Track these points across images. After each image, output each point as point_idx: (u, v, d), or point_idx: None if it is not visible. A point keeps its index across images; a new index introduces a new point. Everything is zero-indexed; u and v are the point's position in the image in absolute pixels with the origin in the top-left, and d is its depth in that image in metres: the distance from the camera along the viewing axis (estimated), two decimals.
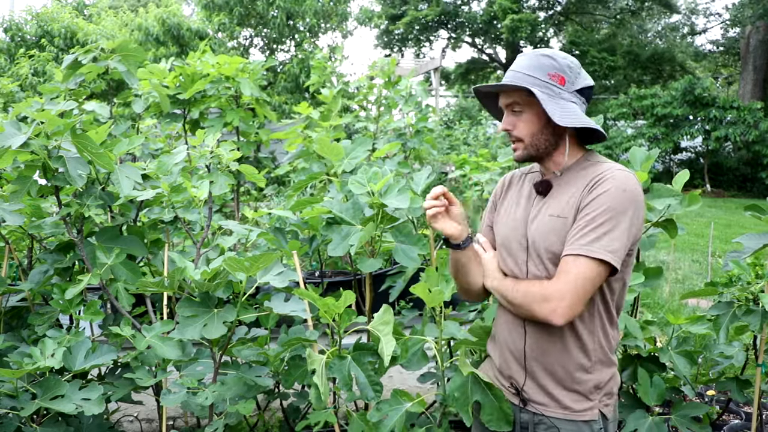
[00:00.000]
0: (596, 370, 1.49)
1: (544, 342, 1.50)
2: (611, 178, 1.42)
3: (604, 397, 1.51)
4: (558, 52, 1.52)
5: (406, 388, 1.87)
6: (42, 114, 1.81)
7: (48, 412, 1.86)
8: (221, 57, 3.13)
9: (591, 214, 1.39)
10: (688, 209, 2.09)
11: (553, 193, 1.53)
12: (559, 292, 1.38)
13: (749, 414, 2.86)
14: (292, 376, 1.95)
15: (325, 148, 2.30)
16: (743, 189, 16.04)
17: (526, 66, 1.49)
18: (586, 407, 1.48)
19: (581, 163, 1.53)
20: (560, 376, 1.49)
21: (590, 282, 1.39)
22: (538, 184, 1.56)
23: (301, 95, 11.89)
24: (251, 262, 1.65)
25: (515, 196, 1.64)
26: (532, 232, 1.51)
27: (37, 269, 2.18)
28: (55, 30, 11.22)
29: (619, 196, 1.39)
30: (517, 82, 1.47)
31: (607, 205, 1.39)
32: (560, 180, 1.53)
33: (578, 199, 1.44)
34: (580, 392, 1.48)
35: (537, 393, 1.52)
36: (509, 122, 1.54)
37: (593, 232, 1.38)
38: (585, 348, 1.48)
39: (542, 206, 1.53)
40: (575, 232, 1.41)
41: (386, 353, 1.57)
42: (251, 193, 5.05)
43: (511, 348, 1.57)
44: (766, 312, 2.10)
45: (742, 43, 19.46)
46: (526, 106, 1.50)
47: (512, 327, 1.56)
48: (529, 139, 1.52)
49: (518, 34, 21.17)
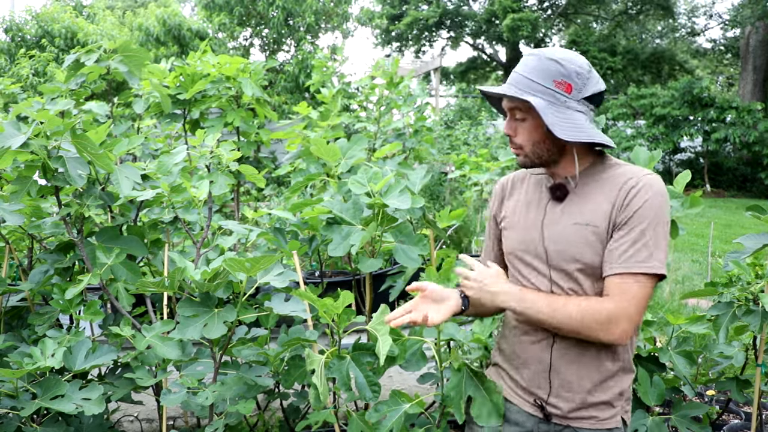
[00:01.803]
0: (621, 378, 1.47)
1: (575, 355, 1.45)
2: (647, 185, 1.36)
3: (625, 402, 1.49)
4: (567, 54, 1.44)
5: (405, 389, 1.87)
6: (42, 114, 1.81)
7: (48, 412, 1.87)
8: (222, 57, 3.13)
9: (638, 227, 1.34)
10: (691, 211, 2.09)
11: (573, 199, 1.46)
12: (626, 312, 1.33)
13: (749, 414, 2.86)
14: (292, 376, 1.95)
15: (322, 149, 2.30)
16: (743, 189, 16.04)
17: (532, 70, 1.42)
18: (611, 415, 1.45)
19: (597, 168, 1.46)
20: (588, 386, 1.45)
21: (649, 297, 1.36)
22: (555, 188, 1.49)
23: (301, 95, 11.89)
24: (252, 262, 1.66)
25: (523, 201, 1.57)
26: (552, 240, 1.45)
27: (37, 269, 2.18)
28: (55, 30, 11.22)
29: (660, 204, 1.36)
30: (518, 90, 1.41)
31: (652, 216, 1.34)
32: (578, 185, 1.47)
33: (612, 208, 1.38)
34: (605, 401, 1.45)
35: (563, 404, 1.47)
36: (511, 127, 1.48)
37: (646, 247, 1.34)
38: (615, 357, 1.45)
39: (561, 212, 1.46)
40: (626, 248, 1.35)
41: (382, 352, 1.57)
42: (251, 193, 5.05)
43: (533, 362, 1.51)
44: (766, 312, 2.10)
45: (741, 43, 19.46)
46: (528, 113, 1.44)
47: (535, 342, 1.50)
48: (530, 148, 1.46)
49: (519, 33, 21.17)
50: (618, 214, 1.37)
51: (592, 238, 1.39)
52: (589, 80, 1.42)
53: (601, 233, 1.39)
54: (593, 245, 1.39)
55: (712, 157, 16.19)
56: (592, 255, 1.39)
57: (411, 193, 2.01)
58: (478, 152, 4.36)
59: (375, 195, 1.96)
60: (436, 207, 6.88)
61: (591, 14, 24.96)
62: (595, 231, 1.39)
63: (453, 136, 10.05)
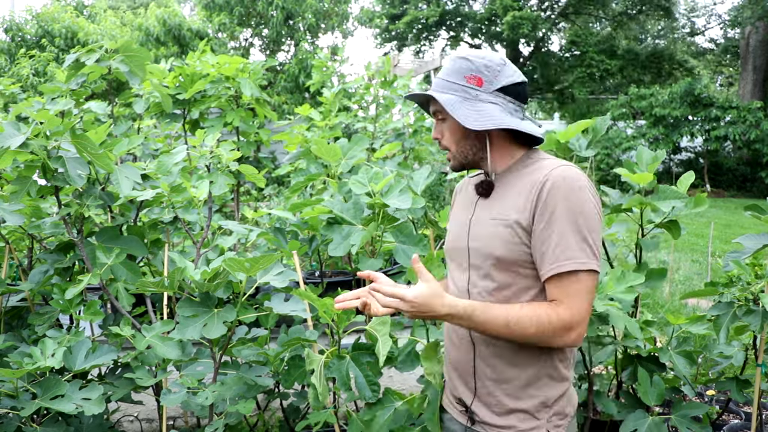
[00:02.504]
0: (546, 386, 1.40)
1: (493, 357, 1.42)
2: (558, 179, 1.33)
3: (554, 417, 1.40)
4: (478, 51, 1.47)
5: (405, 389, 1.87)
6: (41, 114, 1.81)
7: (48, 412, 1.87)
8: (221, 57, 3.13)
9: (558, 226, 1.31)
10: (694, 211, 2.09)
11: (495, 195, 1.45)
12: (579, 315, 1.31)
13: (749, 414, 2.86)
14: (292, 376, 1.95)
15: (323, 149, 2.30)
16: (743, 189, 16.04)
17: (446, 71, 1.44)
18: (532, 426, 1.38)
19: (523, 162, 1.45)
20: (507, 392, 1.40)
21: (593, 291, 1.32)
22: (478, 185, 1.48)
23: (301, 95, 11.89)
24: (252, 262, 1.66)
25: (459, 203, 1.59)
26: (474, 237, 1.44)
27: (37, 269, 2.18)
28: (55, 30, 11.22)
29: (575, 196, 1.32)
30: (433, 90, 1.44)
31: (569, 211, 1.31)
32: (501, 181, 1.46)
33: (525, 204, 1.36)
34: (525, 410, 1.39)
35: (483, 411, 1.44)
36: (438, 131, 1.49)
37: (573, 244, 1.30)
38: (535, 360, 1.39)
39: (484, 209, 1.46)
40: (553, 248, 1.31)
41: (382, 353, 1.57)
42: (251, 193, 5.05)
43: (458, 366, 1.49)
44: (766, 312, 2.10)
45: (741, 43, 19.45)
46: (447, 113, 1.44)
47: (459, 344, 1.48)
48: (455, 147, 1.47)
49: (519, 31, 21.17)
50: (534, 213, 1.34)
51: (504, 232, 1.37)
52: (501, 73, 1.42)
53: (512, 227, 1.36)
54: (504, 239, 1.37)
55: (712, 157, 16.19)
56: (502, 249, 1.37)
57: (413, 193, 2.02)
58: None
59: (376, 195, 1.96)
60: (435, 207, 6.88)
61: (591, 14, 24.96)
62: (506, 224, 1.37)
63: None
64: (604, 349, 2.23)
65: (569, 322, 1.30)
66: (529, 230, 1.35)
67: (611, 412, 2.18)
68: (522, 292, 1.38)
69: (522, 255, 1.36)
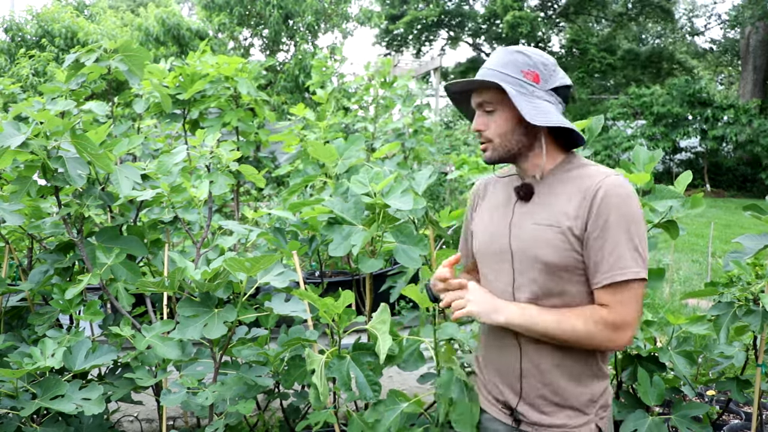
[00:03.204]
0: (592, 384, 1.44)
1: (540, 359, 1.43)
2: (613, 189, 1.35)
3: (600, 410, 1.45)
4: (532, 48, 1.46)
5: (406, 389, 1.87)
6: (41, 114, 1.81)
7: (48, 412, 1.87)
8: (220, 57, 3.13)
9: (614, 236, 1.33)
10: (692, 212, 2.09)
11: (538, 199, 1.45)
12: (629, 319, 1.33)
13: (749, 414, 2.86)
14: (292, 376, 1.95)
15: (319, 150, 2.30)
16: (743, 189, 16.05)
17: (499, 63, 1.42)
18: (582, 422, 1.42)
19: (564, 167, 1.45)
20: (555, 392, 1.43)
21: (642, 298, 1.36)
22: (518, 188, 1.47)
23: (301, 95, 11.89)
24: (252, 262, 1.66)
25: (492, 203, 1.56)
26: (516, 240, 1.43)
27: (37, 269, 2.18)
28: (55, 30, 11.22)
29: (628, 206, 1.34)
30: (488, 78, 1.40)
31: (625, 221, 1.33)
32: (543, 184, 1.45)
33: (578, 212, 1.36)
34: (575, 407, 1.42)
35: (531, 412, 1.45)
36: (481, 122, 1.45)
37: (627, 253, 1.32)
38: (580, 360, 1.42)
39: (527, 212, 1.45)
40: (608, 258, 1.33)
41: (382, 351, 1.56)
42: (251, 193, 5.05)
43: (502, 368, 1.49)
44: (766, 312, 2.10)
45: (742, 43, 19.46)
46: (499, 104, 1.42)
47: (504, 347, 1.48)
48: (499, 140, 1.44)
49: (518, 30, 21.17)
50: (588, 222, 1.35)
51: (555, 238, 1.38)
52: (555, 72, 1.43)
53: (565, 233, 1.37)
54: (555, 245, 1.38)
55: (711, 157, 16.20)
56: (553, 255, 1.38)
57: (414, 194, 2.01)
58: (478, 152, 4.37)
59: (376, 195, 1.96)
60: (436, 207, 6.89)
61: (591, 14, 24.96)
62: (558, 231, 1.38)
63: (453, 136, 10.05)
64: None
65: (619, 325, 1.33)
66: (581, 238, 1.36)
67: None
68: (568, 296, 1.40)
69: (572, 261, 1.37)
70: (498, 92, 1.41)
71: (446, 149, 9.39)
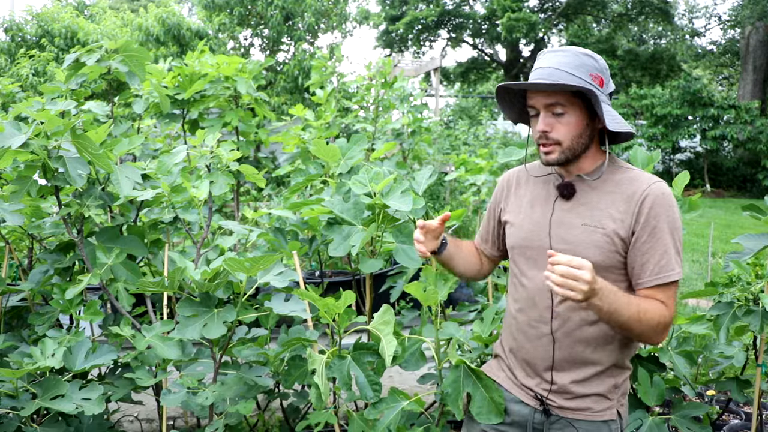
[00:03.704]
0: (616, 372, 1.51)
1: (574, 350, 1.49)
2: (660, 195, 1.41)
3: (621, 396, 1.53)
4: (592, 52, 1.47)
5: (406, 389, 1.87)
6: (42, 114, 1.81)
7: (48, 412, 1.86)
8: (220, 57, 3.13)
9: (662, 240, 1.40)
10: (687, 216, 2.09)
11: (582, 199, 1.48)
12: (672, 318, 1.42)
13: (749, 414, 2.86)
14: (292, 376, 1.95)
15: (322, 150, 2.30)
16: (743, 189, 16.04)
17: (568, 64, 1.40)
18: (606, 407, 1.50)
19: (609, 169, 1.49)
20: (585, 383, 1.49)
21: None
22: (562, 187, 1.50)
23: (301, 96, 11.88)
24: (252, 262, 1.66)
25: (528, 198, 1.59)
26: (560, 238, 1.47)
27: (37, 269, 2.18)
28: (55, 30, 11.21)
29: (674, 213, 1.42)
30: (568, 81, 1.39)
31: (670, 227, 1.41)
32: (585, 185, 1.49)
33: (625, 216, 1.42)
34: (600, 393, 1.50)
35: (559, 399, 1.52)
36: (548, 123, 1.44)
37: (672, 258, 1.41)
38: (610, 353, 1.49)
39: (569, 211, 1.48)
40: (656, 260, 1.40)
41: (387, 353, 1.57)
42: (251, 193, 5.04)
43: (533, 357, 1.54)
44: (766, 312, 2.10)
45: (741, 43, 19.45)
46: (570, 106, 1.42)
47: (536, 336, 1.53)
48: (569, 143, 1.45)
49: (515, 33, 21.16)
50: (635, 225, 1.41)
51: (601, 240, 1.42)
52: (611, 78, 1.48)
53: (610, 235, 1.42)
54: (601, 246, 1.42)
55: (711, 156, 16.19)
56: (599, 256, 1.42)
57: (414, 194, 2.01)
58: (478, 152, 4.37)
59: (376, 195, 1.96)
60: (435, 207, 6.88)
61: (591, 14, 24.96)
62: (604, 233, 1.42)
63: (453, 136, 10.05)
64: None
65: (667, 323, 1.41)
66: (627, 241, 1.42)
67: None
68: None
69: (615, 262, 1.44)
70: (570, 94, 1.41)
71: (446, 149, 9.39)
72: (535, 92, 1.45)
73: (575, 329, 1.48)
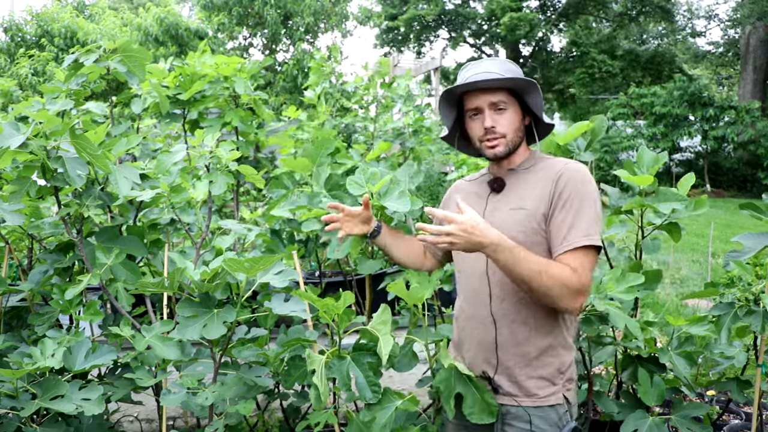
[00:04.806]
0: (559, 354, 1.59)
1: (513, 331, 1.59)
2: (573, 173, 1.56)
3: (567, 382, 1.60)
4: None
5: (406, 389, 1.87)
6: (41, 114, 1.80)
7: (48, 412, 1.86)
8: (219, 57, 3.12)
9: (572, 209, 1.52)
10: (694, 213, 2.10)
11: (509, 190, 1.65)
12: (588, 283, 1.49)
13: (749, 414, 2.86)
14: (292, 377, 1.95)
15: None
16: (743, 189, 16.03)
17: (505, 70, 1.63)
18: (551, 392, 1.57)
19: (530, 160, 1.68)
20: (527, 361, 1.58)
21: (594, 268, 1.53)
22: (492, 182, 1.68)
23: (300, 96, 11.88)
24: (251, 263, 1.65)
25: (462, 197, 1.71)
26: (490, 223, 1.54)
27: (37, 269, 2.18)
28: (55, 30, 11.21)
29: (585, 187, 1.54)
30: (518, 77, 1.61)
31: (581, 198, 1.52)
32: (513, 176, 1.67)
33: (544, 193, 1.56)
34: (544, 377, 1.57)
35: (506, 383, 1.60)
36: (494, 119, 1.63)
37: (583, 224, 1.50)
38: (549, 331, 1.58)
39: (500, 201, 1.65)
40: (568, 227, 1.51)
41: (384, 352, 1.57)
42: (250, 193, 5.04)
43: (479, 341, 1.64)
44: (767, 312, 2.10)
45: (741, 43, 19.44)
46: (510, 103, 1.63)
47: (479, 320, 1.64)
48: (512, 135, 1.64)
49: (516, 32, 21.15)
50: (552, 200, 1.55)
51: (524, 219, 1.57)
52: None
53: (533, 213, 1.56)
54: (524, 224, 1.56)
55: (712, 157, 16.18)
56: (524, 235, 1.55)
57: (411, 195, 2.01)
58: None
59: (374, 196, 1.96)
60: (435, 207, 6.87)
61: (591, 14, 24.94)
62: (527, 213, 1.57)
63: None
64: (604, 350, 2.23)
65: (581, 288, 1.48)
66: (547, 215, 1.56)
67: (611, 412, 2.18)
68: None
69: (538, 238, 1.56)
70: (509, 93, 1.63)
71: (446, 149, 9.38)
72: (479, 93, 1.63)
73: (512, 310, 1.59)
